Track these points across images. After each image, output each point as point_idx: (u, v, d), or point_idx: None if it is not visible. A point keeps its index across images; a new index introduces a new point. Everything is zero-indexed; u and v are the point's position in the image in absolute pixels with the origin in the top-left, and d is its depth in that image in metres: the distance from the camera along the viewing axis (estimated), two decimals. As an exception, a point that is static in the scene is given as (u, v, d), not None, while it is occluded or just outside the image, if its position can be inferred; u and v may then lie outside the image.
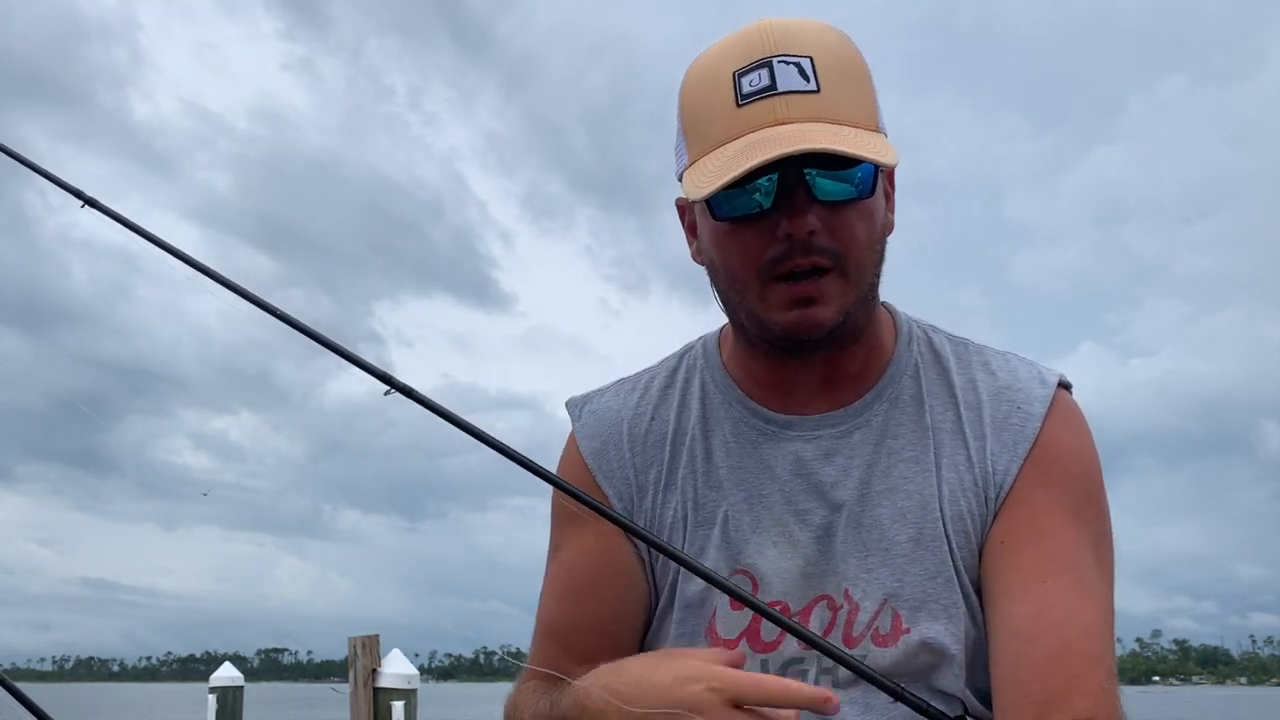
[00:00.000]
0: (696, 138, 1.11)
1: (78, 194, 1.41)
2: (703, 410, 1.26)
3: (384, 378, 1.15)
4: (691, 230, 1.21)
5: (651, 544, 1.20)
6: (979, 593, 1.15)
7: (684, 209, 1.22)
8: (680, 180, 1.15)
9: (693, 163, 1.10)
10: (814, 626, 1.16)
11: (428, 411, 1.18)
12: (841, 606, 1.16)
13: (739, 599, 1.05)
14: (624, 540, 1.24)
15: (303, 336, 1.25)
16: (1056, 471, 1.14)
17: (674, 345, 1.36)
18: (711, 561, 1.20)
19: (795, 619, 1.16)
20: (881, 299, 1.24)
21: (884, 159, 1.03)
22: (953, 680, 1.14)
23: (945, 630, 1.13)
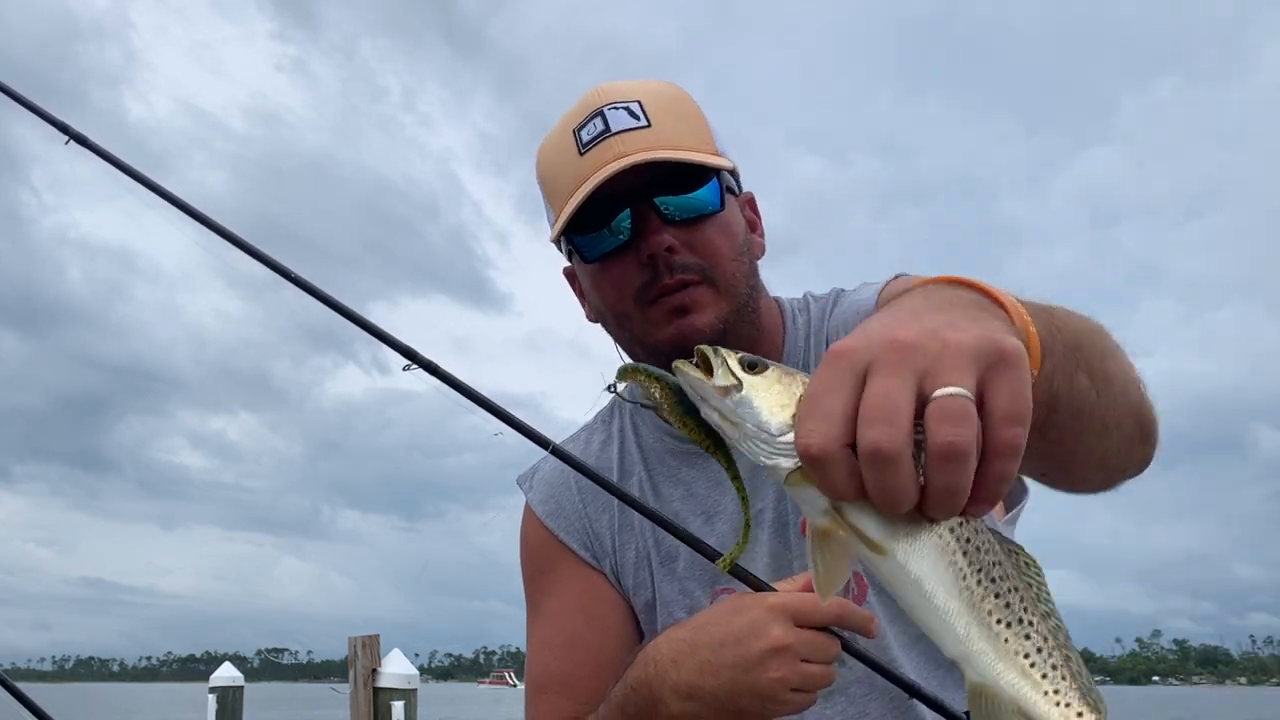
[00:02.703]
0: (554, 196, 1.21)
1: (63, 128, 1.34)
2: (640, 451, 1.33)
3: (407, 352, 1.17)
4: (581, 294, 1.30)
5: (671, 528, 1.20)
6: None
7: (571, 276, 1.31)
8: (555, 244, 1.26)
9: (556, 219, 1.19)
10: None
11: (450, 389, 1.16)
12: None
13: (758, 585, 1.06)
14: (603, 579, 1.30)
15: (322, 307, 1.23)
16: (901, 284, 1.18)
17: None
18: (691, 591, 1.24)
19: None
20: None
21: (713, 160, 1.15)
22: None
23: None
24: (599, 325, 1.28)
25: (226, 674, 10.26)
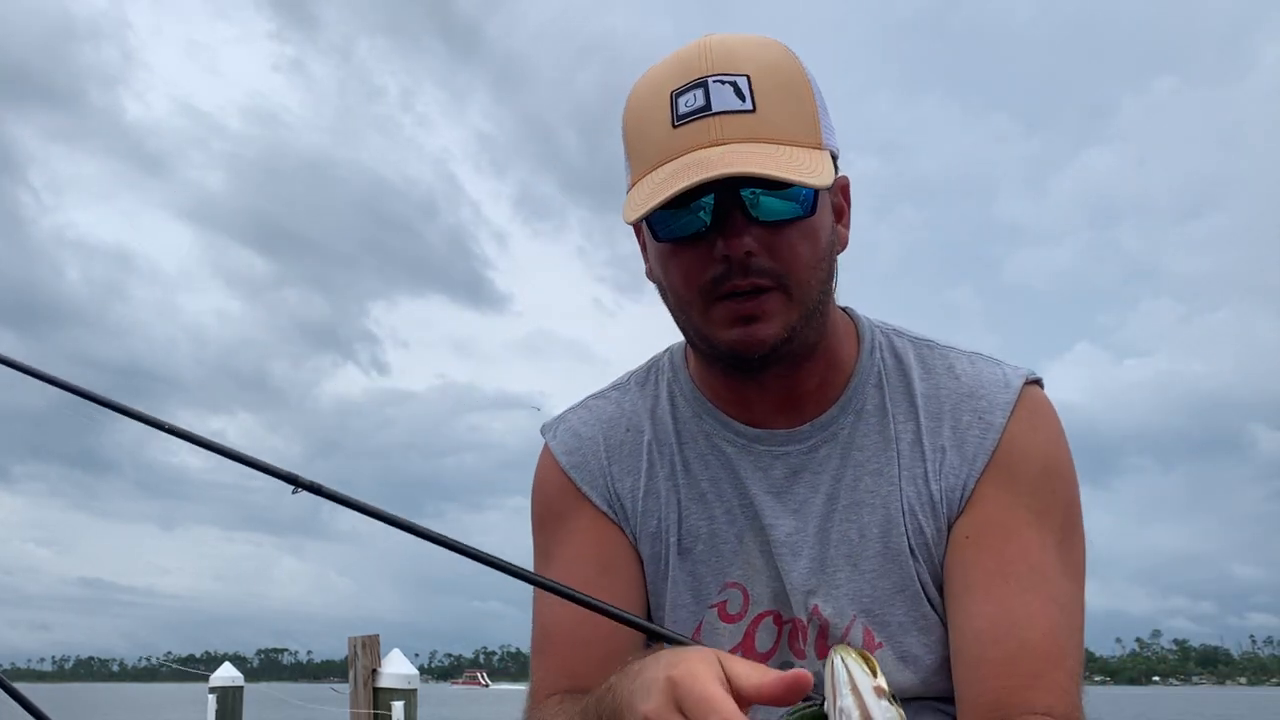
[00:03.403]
0: (638, 158, 1.11)
1: None
2: (675, 423, 1.26)
3: (289, 478, 1.16)
4: (645, 249, 1.21)
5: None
6: (942, 596, 1.15)
7: (638, 228, 1.21)
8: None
9: (634, 183, 1.11)
10: (783, 644, 1.19)
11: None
12: (811, 622, 1.17)
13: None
14: (622, 536, 1.24)
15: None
16: (1020, 472, 1.14)
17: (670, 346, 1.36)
18: (702, 576, 1.21)
19: (784, 629, 1.19)
20: (851, 305, 1.26)
21: (813, 180, 1.02)
22: (930, 689, 1.15)
23: (918, 642, 1.15)
24: (655, 286, 1.20)
25: (226, 674, 10.28)
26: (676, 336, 1.28)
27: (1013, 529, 1.12)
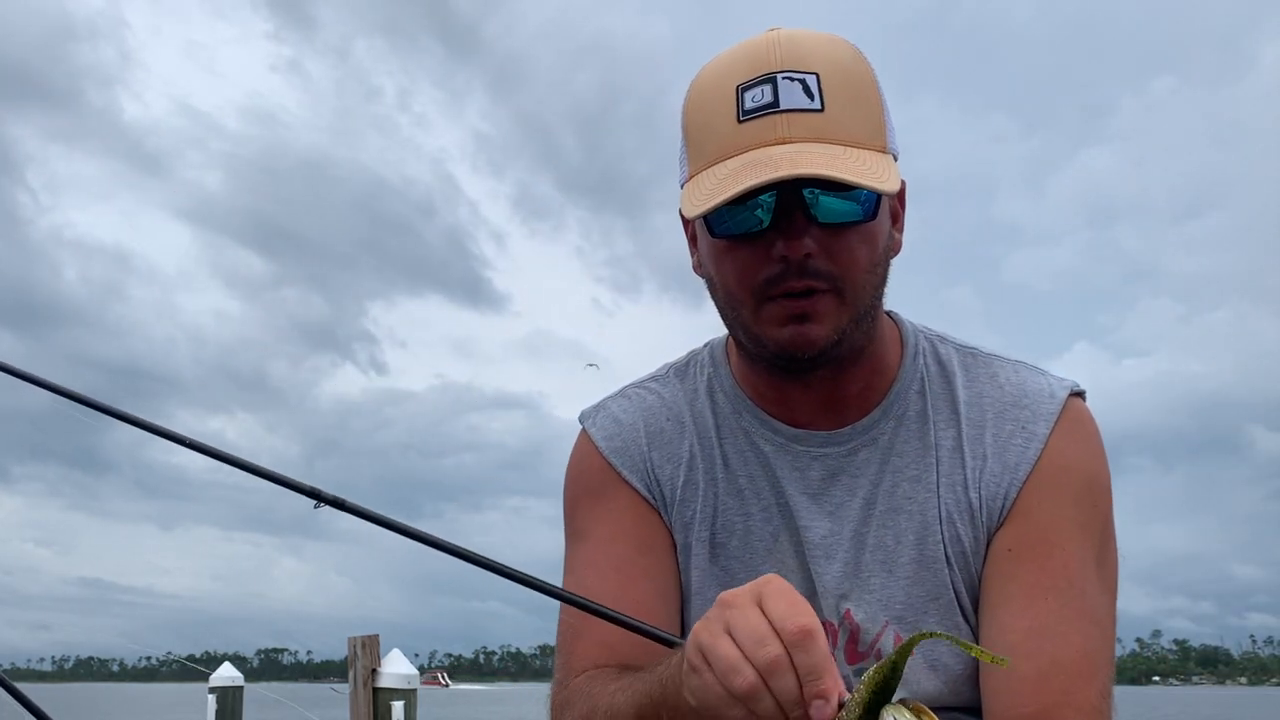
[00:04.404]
0: (697, 150, 1.10)
1: None
2: (714, 417, 1.25)
3: (311, 493, 1.17)
4: (694, 241, 1.20)
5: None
6: (975, 606, 1.14)
7: (688, 221, 1.19)
8: (682, 189, 1.14)
9: (692, 176, 1.10)
10: None
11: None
12: (842, 627, 1.16)
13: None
14: (660, 520, 1.23)
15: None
16: (1064, 484, 1.13)
17: (669, 345, 1.37)
18: (734, 572, 1.20)
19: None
20: (885, 307, 1.24)
21: (882, 185, 1.01)
22: (959, 699, 1.14)
23: (950, 651, 1.14)
24: (704, 280, 1.19)
25: (226, 674, 10.28)
26: (676, 335, 1.27)
27: (1055, 543, 1.11)
